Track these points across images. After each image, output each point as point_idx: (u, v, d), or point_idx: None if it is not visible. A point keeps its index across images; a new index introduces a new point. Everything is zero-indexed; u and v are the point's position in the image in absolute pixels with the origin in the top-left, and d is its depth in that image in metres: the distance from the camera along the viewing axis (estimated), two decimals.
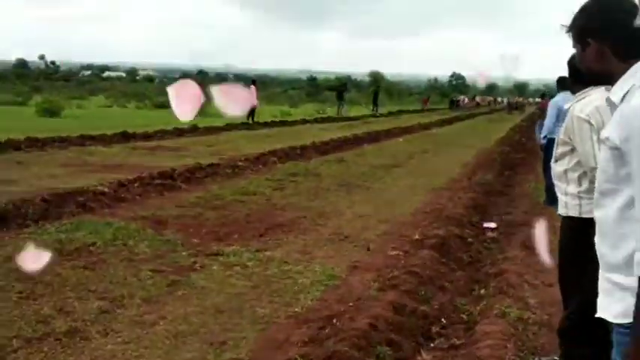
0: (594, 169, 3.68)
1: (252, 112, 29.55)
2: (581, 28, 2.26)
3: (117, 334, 5.04)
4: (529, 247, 8.23)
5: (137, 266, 6.81)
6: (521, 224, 9.66)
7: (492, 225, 9.82)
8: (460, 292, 6.62)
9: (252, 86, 29.18)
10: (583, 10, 2.26)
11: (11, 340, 4.81)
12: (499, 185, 14.11)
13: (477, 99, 75.40)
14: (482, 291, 6.55)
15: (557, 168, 4.45)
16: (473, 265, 7.72)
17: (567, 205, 4.34)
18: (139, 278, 6.43)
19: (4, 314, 5.31)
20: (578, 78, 4.32)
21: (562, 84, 11.71)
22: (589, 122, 4.03)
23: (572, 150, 4.24)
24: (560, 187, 4.42)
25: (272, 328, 5.33)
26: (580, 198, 4.23)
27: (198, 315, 5.55)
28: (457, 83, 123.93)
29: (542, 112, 29.82)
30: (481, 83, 76.99)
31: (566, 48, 2.60)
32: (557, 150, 4.43)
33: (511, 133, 31.19)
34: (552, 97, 12.75)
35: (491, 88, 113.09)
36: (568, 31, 2.32)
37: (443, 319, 5.83)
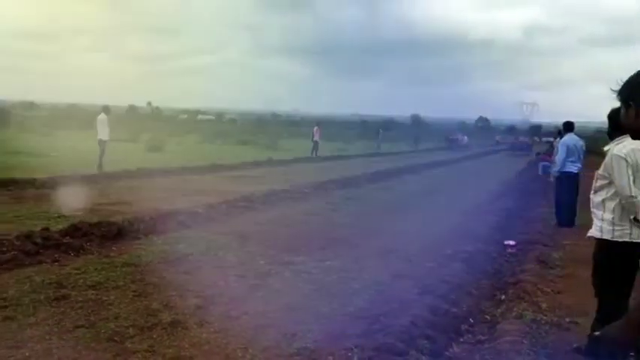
0: (630, 197, 4.12)
1: (315, 148, 29.88)
2: (625, 95, 2.36)
3: (210, 325, 5.19)
4: (543, 261, 8.20)
5: (225, 272, 6.97)
6: (535, 242, 9.58)
7: (512, 242, 9.75)
8: (484, 297, 6.61)
9: (316, 127, 29.58)
10: (628, 82, 2.36)
11: (128, 328, 5.00)
12: (518, 210, 13.97)
13: (497, 138, 73.65)
14: (503, 296, 6.54)
15: (595, 198, 4.58)
16: (495, 275, 7.68)
17: (602, 230, 4.46)
18: (226, 281, 6.59)
19: (123, 308, 5.49)
20: (617, 128, 4.51)
21: (568, 127, 11.72)
22: (626, 160, 4.27)
23: (610, 183, 4.40)
24: (597, 214, 4.56)
25: (331, 324, 5.41)
26: (614, 224, 4.38)
27: (274, 311, 5.66)
28: (482, 125, 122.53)
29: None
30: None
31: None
32: (597, 183, 4.59)
33: (527, 166, 30.77)
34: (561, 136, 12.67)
35: (511, 129, 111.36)
36: (617, 96, 2.42)
37: (470, 319, 5.85)
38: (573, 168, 11.39)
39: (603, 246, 4.45)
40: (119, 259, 7.23)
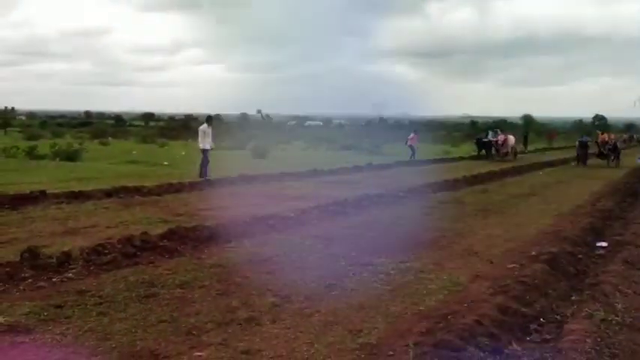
0: None
1: (413, 153, 29.91)
2: None
3: (282, 322, 5.51)
4: (630, 262, 8.02)
5: (305, 272, 7.27)
6: (628, 243, 9.34)
7: (604, 244, 9.55)
8: (560, 298, 6.59)
9: (413, 134, 29.80)
10: None
11: (206, 323, 5.40)
12: (618, 211, 13.54)
13: (612, 136, 69.08)
14: (578, 297, 6.50)
15: None
16: (577, 276, 7.59)
17: None
18: (305, 281, 6.89)
19: (205, 305, 5.91)
20: None
21: None
22: None
23: None
24: None
25: (399, 322, 5.61)
26: None
27: (344, 310, 5.92)
28: (599, 123, 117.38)
29: None
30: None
31: None
32: None
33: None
34: None
35: (629, 127, 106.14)
36: None
37: (541, 319, 5.87)
38: None
39: None
40: (209, 261, 7.69)
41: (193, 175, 17.83)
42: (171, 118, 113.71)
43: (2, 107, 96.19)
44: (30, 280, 6.51)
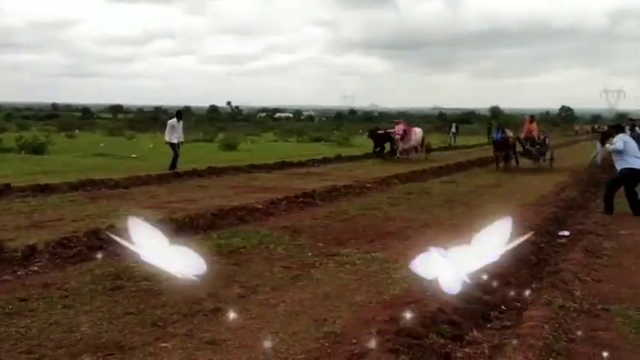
0: None
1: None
2: None
3: (247, 313, 5.56)
4: (590, 250, 8.21)
5: (272, 263, 7.34)
6: (589, 232, 9.53)
7: (566, 233, 9.74)
8: (521, 286, 6.73)
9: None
10: None
11: (172, 315, 5.43)
12: (581, 200, 13.81)
13: (576, 127, 69.13)
14: (538, 285, 6.66)
15: None
16: (538, 265, 7.76)
17: None
18: (271, 272, 6.95)
19: (170, 297, 5.91)
20: None
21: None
22: None
23: None
24: None
25: (363, 310, 5.70)
26: None
27: (310, 300, 5.99)
28: (565, 115, 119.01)
29: None
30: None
31: None
32: None
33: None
34: None
35: (595, 118, 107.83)
36: None
37: (502, 307, 6.01)
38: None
39: None
40: None
41: (165, 167, 17.73)
42: (140, 111, 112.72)
43: None
44: None
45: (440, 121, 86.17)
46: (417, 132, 26.99)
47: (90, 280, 6.37)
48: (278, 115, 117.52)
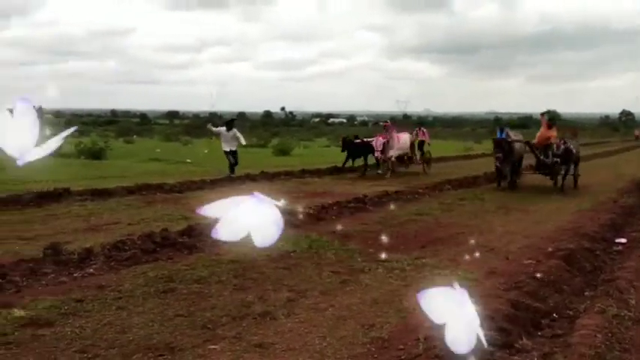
0: None
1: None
2: None
3: (296, 316, 5.61)
4: None
5: (321, 268, 7.39)
6: None
7: (623, 240, 9.51)
8: (574, 293, 6.61)
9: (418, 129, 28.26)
10: None
11: (221, 317, 5.51)
12: None
13: (636, 132, 65.28)
14: (592, 293, 6.52)
15: None
16: (593, 272, 7.60)
17: None
18: (321, 277, 7.00)
19: (221, 300, 6.03)
20: None
21: None
22: None
23: None
24: None
25: (411, 317, 5.66)
26: None
27: (358, 305, 6.00)
28: (626, 119, 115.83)
29: None
30: None
31: None
32: None
33: None
34: None
35: None
36: None
37: (554, 314, 5.91)
38: None
39: None
40: (226, 257, 7.80)
41: (217, 172, 17.96)
42: (196, 116, 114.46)
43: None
44: (52, 276, 6.69)
45: (495, 125, 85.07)
46: (402, 138, 20.64)
47: (143, 283, 6.52)
48: (332, 120, 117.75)
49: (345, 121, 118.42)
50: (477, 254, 8.43)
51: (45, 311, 5.49)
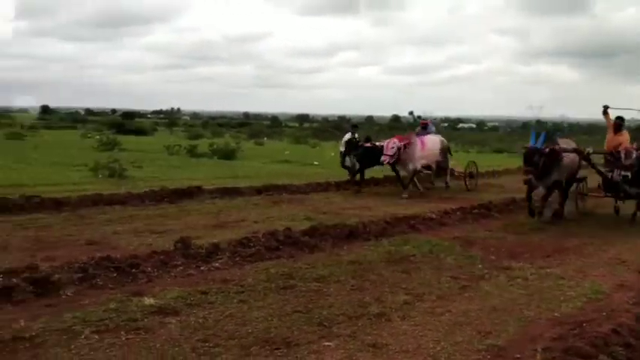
0: None
1: None
2: None
3: (411, 319, 5.60)
4: None
5: (441, 273, 7.32)
6: None
7: None
8: None
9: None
10: None
11: (338, 316, 5.60)
12: None
13: None
14: None
15: None
16: None
17: None
18: (439, 281, 6.93)
19: (338, 299, 6.12)
20: None
21: None
22: None
23: None
24: None
25: (531, 326, 5.53)
26: None
27: (476, 311, 5.90)
28: None
29: None
30: None
31: None
32: None
33: None
34: None
35: None
36: None
37: None
38: None
39: None
40: (346, 258, 7.92)
41: (343, 175, 18.16)
42: (325, 120, 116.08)
43: (169, 108, 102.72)
44: (181, 268, 7.05)
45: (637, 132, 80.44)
46: (429, 144, 15.94)
47: (265, 278, 6.73)
48: (461, 125, 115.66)
49: (474, 126, 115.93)
50: (606, 266, 8.08)
51: (172, 301, 5.81)
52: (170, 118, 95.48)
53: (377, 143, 16.16)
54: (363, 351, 4.82)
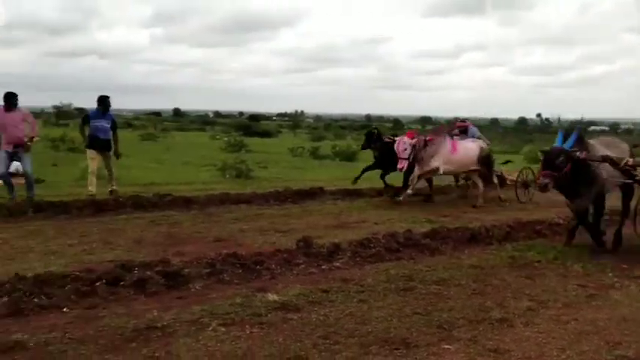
0: None
1: None
2: None
3: (535, 326, 5.45)
4: None
5: (567, 280, 7.07)
6: None
7: None
8: None
9: None
10: None
11: (458, 320, 5.54)
12: None
13: None
14: None
15: None
16: None
17: None
18: (565, 289, 6.70)
19: (458, 303, 6.05)
20: None
21: None
22: None
23: None
24: None
25: None
26: None
27: (604, 320, 5.67)
28: None
29: None
30: None
31: None
32: None
33: None
34: None
35: None
36: None
37: None
38: None
39: None
40: (467, 261, 7.81)
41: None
42: (448, 122, 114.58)
43: (293, 111, 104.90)
44: (303, 266, 7.22)
45: None
46: (463, 149, 13.32)
47: (384, 279, 6.77)
48: (592, 128, 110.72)
49: (606, 129, 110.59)
50: None
51: (294, 298, 5.96)
52: (294, 121, 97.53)
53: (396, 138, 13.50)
54: (484, 356, 4.75)
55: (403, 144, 12.70)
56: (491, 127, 72.77)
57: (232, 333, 5.01)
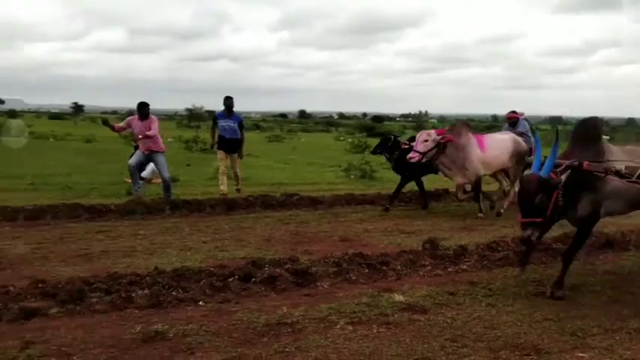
0: None
1: None
2: None
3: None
4: None
5: None
6: None
7: None
8: None
9: None
10: None
11: (592, 328, 5.31)
12: None
13: None
14: None
15: None
16: None
17: None
18: None
19: (593, 310, 5.79)
20: None
21: None
22: None
23: None
24: None
25: None
26: None
27: None
28: None
29: None
30: None
31: None
32: None
33: None
34: None
35: None
36: None
37: None
38: None
39: None
40: (602, 267, 7.49)
41: None
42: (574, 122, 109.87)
43: (417, 111, 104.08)
44: (429, 268, 7.19)
45: None
46: (493, 143, 11.55)
47: (513, 284, 6.62)
48: None
49: None
50: None
51: (421, 299, 5.94)
52: (417, 122, 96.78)
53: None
54: None
55: (427, 136, 11.01)
56: (627, 127, 68.84)
57: (359, 332, 5.07)
